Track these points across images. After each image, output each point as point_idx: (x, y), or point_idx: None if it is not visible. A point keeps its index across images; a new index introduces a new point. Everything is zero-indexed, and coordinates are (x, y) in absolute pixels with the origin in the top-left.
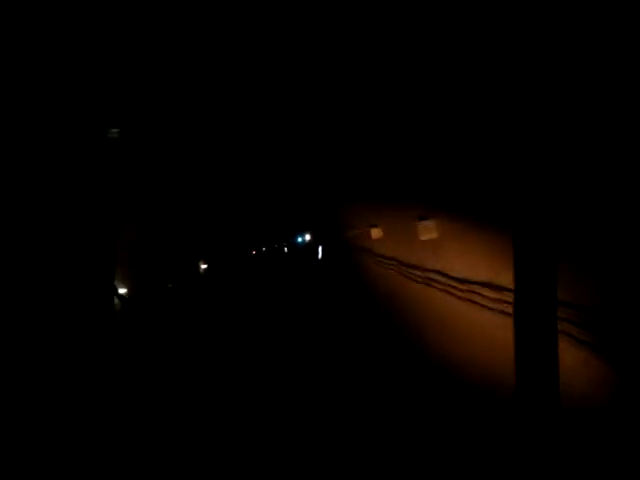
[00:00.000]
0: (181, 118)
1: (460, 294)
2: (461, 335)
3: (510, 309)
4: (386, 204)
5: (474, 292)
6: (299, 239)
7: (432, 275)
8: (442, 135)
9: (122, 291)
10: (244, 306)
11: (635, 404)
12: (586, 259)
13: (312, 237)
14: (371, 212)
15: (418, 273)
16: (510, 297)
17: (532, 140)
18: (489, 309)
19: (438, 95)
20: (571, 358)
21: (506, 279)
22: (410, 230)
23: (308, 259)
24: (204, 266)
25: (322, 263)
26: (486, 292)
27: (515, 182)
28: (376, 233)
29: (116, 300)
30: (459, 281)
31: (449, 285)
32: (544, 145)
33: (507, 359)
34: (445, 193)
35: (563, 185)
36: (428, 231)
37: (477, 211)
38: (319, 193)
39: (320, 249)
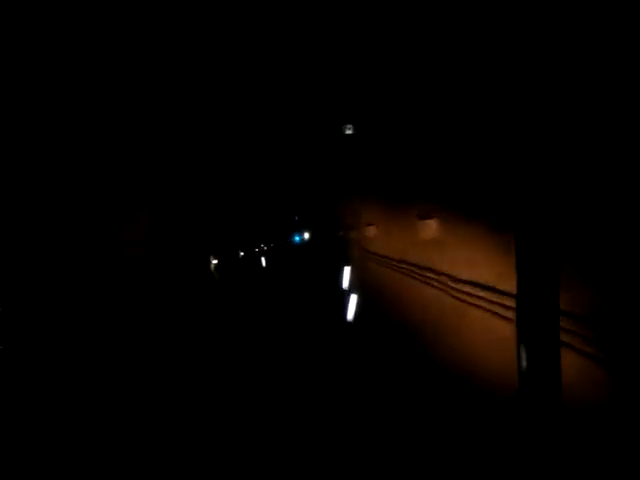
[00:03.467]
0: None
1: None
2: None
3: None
4: None
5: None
6: (296, 237)
7: None
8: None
9: None
10: None
11: (634, 407)
12: (585, 264)
13: (312, 237)
14: None
15: None
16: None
17: (533, 143)
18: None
19: (443, 96)
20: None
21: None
22: None
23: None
24: None
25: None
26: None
27: (517, 186)
28: None
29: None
30: None
31: None
32: (545, 148)
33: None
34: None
35: (564, 189)
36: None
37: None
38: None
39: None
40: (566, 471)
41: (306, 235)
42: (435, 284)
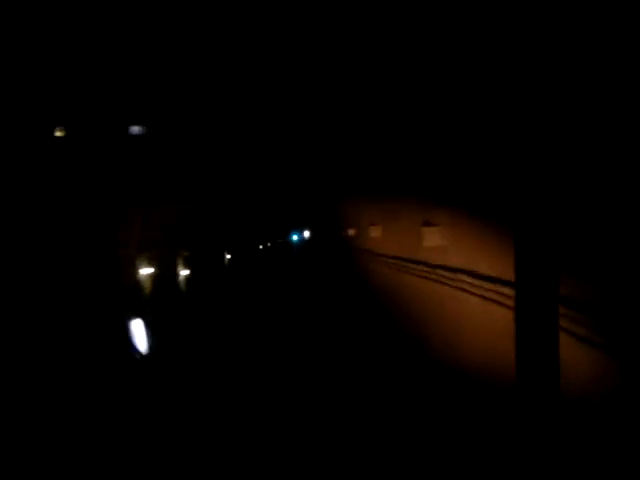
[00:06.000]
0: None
1: None
2: None
3: None
4: None
5: None
6: (294, 236)
7: None
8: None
9: None
10: None
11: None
12: (585, 256)
13: (313, 237)
14: None
15: None
16: None
17: (532, 140)
18: None
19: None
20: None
21: None
22: None
23: None
24: None
25: None
26: None
27: (516, 179)
28: None
29: None
30: None
31: None
32: (544, 144)
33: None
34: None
35: (563, 182)
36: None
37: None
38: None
39: None
40: (563, 457)
41: (305, 233)
42: None
